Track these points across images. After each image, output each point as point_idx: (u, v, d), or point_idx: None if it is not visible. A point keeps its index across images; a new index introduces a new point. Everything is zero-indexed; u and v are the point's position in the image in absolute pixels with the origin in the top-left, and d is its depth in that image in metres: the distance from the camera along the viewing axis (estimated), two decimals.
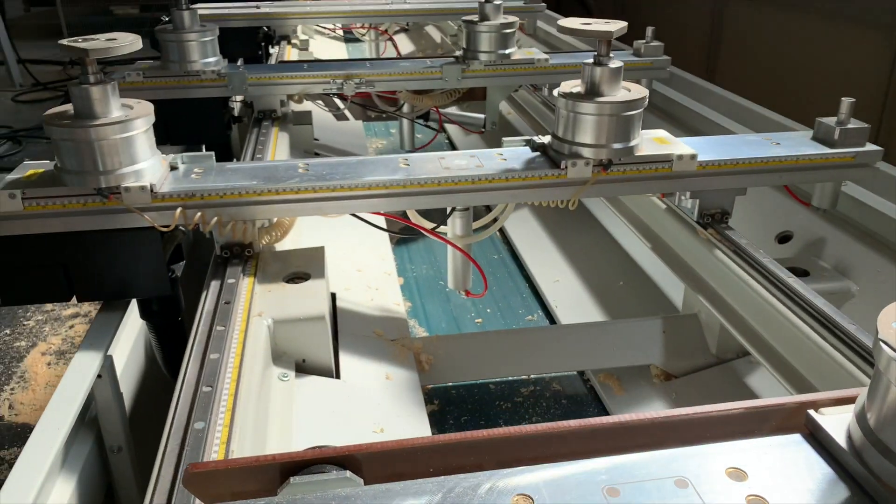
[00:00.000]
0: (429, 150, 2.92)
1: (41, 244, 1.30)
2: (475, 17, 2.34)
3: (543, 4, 3.77)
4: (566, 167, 1.40)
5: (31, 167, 1.36)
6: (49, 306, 3.16)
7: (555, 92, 1.45)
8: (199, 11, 3.46)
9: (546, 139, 1.51)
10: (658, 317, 1.55)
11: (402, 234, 1.53)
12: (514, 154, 1.49)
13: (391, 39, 4.05)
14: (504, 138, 1.55)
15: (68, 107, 1.32)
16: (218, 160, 2.37)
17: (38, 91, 7.06)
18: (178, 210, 1.30)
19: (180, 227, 1.34)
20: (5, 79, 7.42)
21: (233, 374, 1.03)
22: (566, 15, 3.77)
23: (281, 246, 1.46)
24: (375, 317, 1.51)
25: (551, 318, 1.84)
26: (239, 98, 2.34)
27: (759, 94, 5.42)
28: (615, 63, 1.39)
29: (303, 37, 3.77)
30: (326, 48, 4.10)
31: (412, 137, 2.52)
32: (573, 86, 1.46)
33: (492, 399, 1.52)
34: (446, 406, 1.49)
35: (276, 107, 2.28)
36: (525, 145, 1.54)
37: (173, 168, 1.40)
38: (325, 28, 4.06)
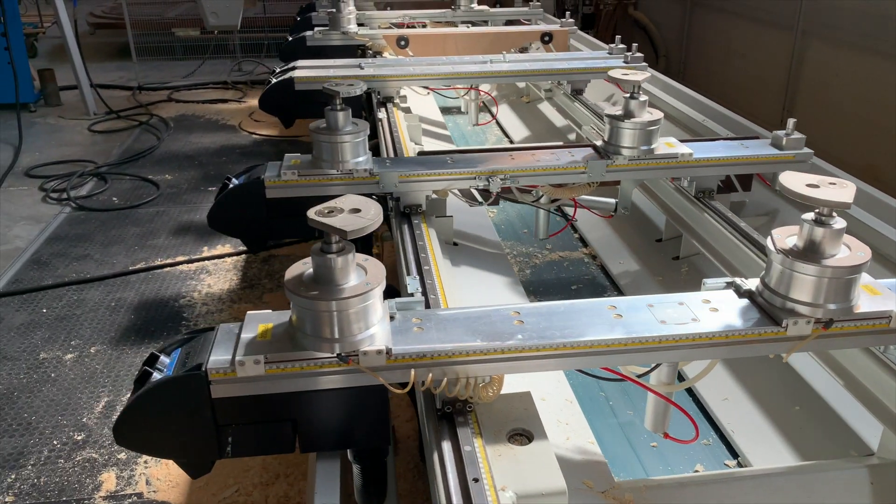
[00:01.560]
0: (561, 238, 2.95)
1: (275, 402, 1.33)
2: (619, 112, 2.34)
3: (646, 65, 3.76)
4: (787, 325, 1.39)
5: (259, 320, 1.39)
6: None
7: (768, 243, 1.45)
8: (299, 73, 3.54)
9: (752, 284, 1.51)
10: (862, 464, 1.54)
11: (601, 378, 1.53)
12: (721, 301, 1.48)
13: (487, 94, 4.07)
14: (705, 280, 1.55)
15: (304, 267, 1.35)
16: (361, 250, 2.40)
17: (111, 119, 7.20)
18: (413, 372, 1.32)
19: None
20: (79, 105, 7.57)
21: None
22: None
23: None
24: (578, 462, 1.52)
25: (726, 442, 1.84)
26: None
27: (844, 138, 5.32)
28: (839, 224, 1.38)
29: (402, 92, 3.80)
30: (418, 102, 4.13)
31: (547, 226, 2.53)
32: (789, 235, 1.45)
33: None
34: None
35: (421, 202, 2.30)
36: (727, 288, 1.53)
37: (391, 317, 1.42)
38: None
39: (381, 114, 3.47)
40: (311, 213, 1.29)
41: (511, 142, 4.22)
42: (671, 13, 8.32)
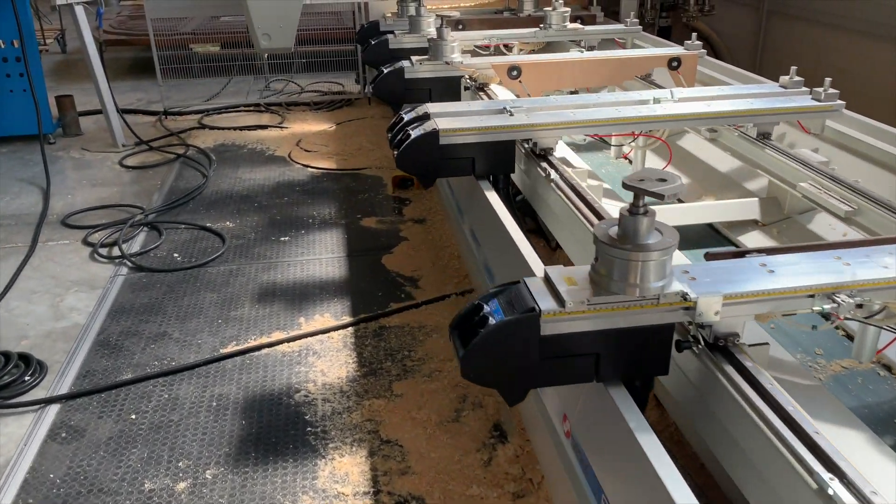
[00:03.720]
0: (829, 340, 2.35)
1: None
2: None
3: (842, 103, 3.20)
4: None
5: None
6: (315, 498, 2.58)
7: None
8: (442, 124, 2.93)
9: None
10: None
11: None
12: None
13: (660, 139, 3.48)
14: None
15: None
16: (646, 393, 1.79)
17: (143, 152, 6.48)
18: None
19: None
20: (103, 135, 6.84)
21: None
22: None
23: None
24: None
25: None
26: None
27: None
28: None
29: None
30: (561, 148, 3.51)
31: (875, 345, 1.93)
32: None
33: None
34: None
35: (738, 329, 1.69)
36: None
37: None
38: None
39: (550, 172, 2.85)
40: None
41: None
42: (739, 22, 7.77)
